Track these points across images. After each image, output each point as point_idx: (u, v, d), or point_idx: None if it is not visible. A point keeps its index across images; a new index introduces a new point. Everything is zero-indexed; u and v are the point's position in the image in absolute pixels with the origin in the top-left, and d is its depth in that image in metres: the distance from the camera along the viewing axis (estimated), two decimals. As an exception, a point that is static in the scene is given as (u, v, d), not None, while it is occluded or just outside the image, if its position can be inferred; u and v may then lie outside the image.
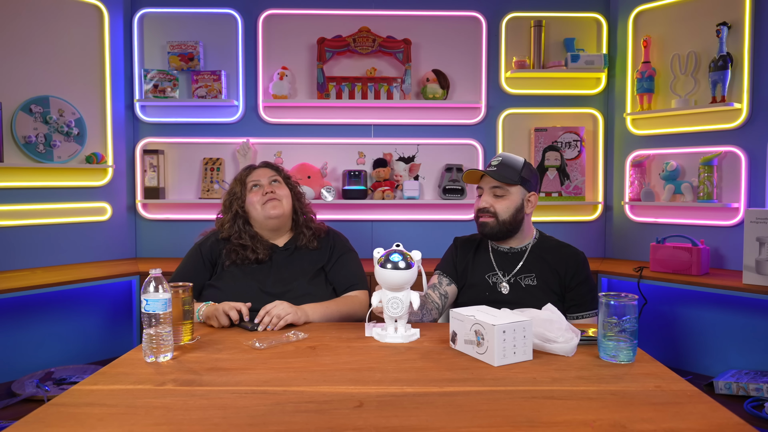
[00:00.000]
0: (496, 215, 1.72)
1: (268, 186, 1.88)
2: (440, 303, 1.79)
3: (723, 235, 2.77)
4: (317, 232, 1.93)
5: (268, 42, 3.16)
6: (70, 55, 2.91)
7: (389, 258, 1.42)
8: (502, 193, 1.72)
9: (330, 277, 1.88)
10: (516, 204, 1.73)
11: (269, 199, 1.84)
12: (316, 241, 1.90)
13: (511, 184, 1.72)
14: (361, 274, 1.92)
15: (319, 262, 1.88)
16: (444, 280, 1.84)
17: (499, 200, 1.73)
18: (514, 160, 1.75)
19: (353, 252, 1.96)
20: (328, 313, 1.72)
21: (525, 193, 1.75)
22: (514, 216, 1.73)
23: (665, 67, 2.94)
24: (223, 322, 1.58)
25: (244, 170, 1.97)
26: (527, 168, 1.76)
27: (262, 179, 1.90)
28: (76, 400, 1.07)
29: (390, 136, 3.20)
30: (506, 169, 1.73)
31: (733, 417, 0.99)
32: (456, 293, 1.85)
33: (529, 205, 1.76)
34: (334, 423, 0.97)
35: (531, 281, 1.75)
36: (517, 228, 1.76)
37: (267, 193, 1.85)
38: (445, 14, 3.18)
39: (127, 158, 3.12)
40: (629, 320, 1.26)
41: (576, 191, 3.14)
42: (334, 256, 1.90)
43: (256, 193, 1.87)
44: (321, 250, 1.90)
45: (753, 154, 2.66)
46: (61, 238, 2.91)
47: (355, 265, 1.92)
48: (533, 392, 1.10)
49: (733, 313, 2.62)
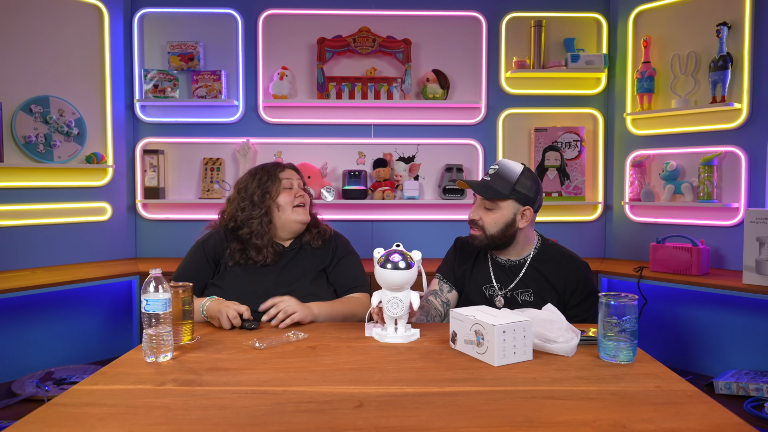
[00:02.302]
0: (484, 229, 1.67)
1: (300, 190, 1.86)
2: (442, 311, 1.78)
3: (723, 235, 2.77)
4: (323, 232, 1.91)
5: (268, 42, 3.16)
6: (70, 55, 2.91)
7: (389, 258, 1.42)
8: (492, 206, 1.66)
9: (332, 279, 1.87)
10: (506, 218, 1.65)
11: (299, 204, 1.83)
12: (321, 240, 1.89)
13: (499, 199, 1.65)
14: (363, 276, 1.91)
15: (322, 263, 1.86)
16: (445, 286, 1.82)
17: (488, 213, 1.67)
18: (509, 171, 1.67)
19: (355, 254, 1.95)
20: (333, 313, 1.72)
21: (518, 207, 1.66)
22: (503, 231, 1.66)
23: (665, 67, 2.94)
24: (225, 326, 1.58)
25: (271, 166, 1.89)
26: (523, 179, 1.66)
27: (294, 181, 1.87)
28: (76, 400, 1.07)
29: (390, 136, 3.20)
30: (498, 181, 1.66)
31: (733, 417, 0.99)
32: (457, 298, 1.82)
33: (523, 219, 1.67)
34: (334, 423, 0.97)
35: (528, 297, 1.70)
36: (509, 241, 1.69)
37: (298, 197, 1.83)
38: (445, 14, 3.18)
39: (127, 158, 3.12)
40: (629, 320, 1.26)
41: (576, 191, 3.14)
42: (336, 258, 1.89)
43: (289, 194, 1.83)
44: (324, 250, 1.89)
45: (753, 154, 2.66)
46: (61, 238, 2.91)
47: (357, 267, 1.91)
48: (533, 392, 1.10)
49: (733, 313, 2.62)
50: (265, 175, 1.85)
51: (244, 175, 1.91)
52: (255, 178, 1.86)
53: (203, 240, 1.87)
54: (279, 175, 1.85)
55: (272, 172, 1.86)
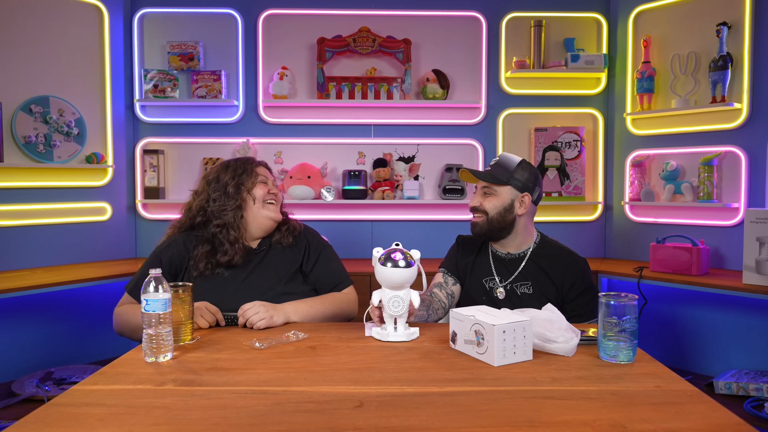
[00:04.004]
0: (486, 213, 1.72)
1: (273, 187, 1.80)
2: (447, 302, 1.80)
3: (723, 235, 2.77)
4: (292, 228, 1.83)
5: (268, 42, 3.16)
6: (70, 55, 2.91)
7: (390, 256, 1.43)
8: (491, 192, 1.73)
9: (311, 279, 1.80)
10: (504, 203, 1.71)
11: (271, 201, 1.77)
12: (291, 237, 1.80)
13: (498, 183, 1.72)
14: (343, 269, 1.84)
15: (295, 263, 1.78)
16: (449, 279, 1.84)
17: (487, 198, 1.73)
18: (509, 161, 1.75)
19: (329, 247, 1.87)
20: (312, 313, 1.66)
21: (517, 193, 1.72)
22: (502, 215, 1.71)
23: (665, 67, 2.94)
24: (203, 325, 1.56)
25: (246, 160, 1.81)
26: (522, 168, 1.73)
27: (269, 178, 1.82)
28: (76, 400, 1.07)
29: (390, 136, 3.20)
30: (498, 169, 1.73)
31: (733, 417, 0.99)
32: (460, 292, 1.85)
33: (521, 206, 1.72)
34: (334, 423, 0.97)
35: (527, 289, 1.74)
36: (508, 229, 1.73)
37: (271, 192, 1.77)
38: (445, 14, 3.18)
39: (127, 158, 3.12)
40: (629, 320, 1.26)
41: (576, 191, 3.14)
42: (312, 255, 1.80)
43: (262, 187, 1.76)
44: (295, 248, 1.80)
45: (753, 154, 2.66)
46: (61, 238, 2.91)
47: (334, 261, 1.84)
48: (533, 392, 1.10)
49: (733, 313, 2.62)
50: (240, 167, 1.77)
51: (214, 168, 1.81)
52: (229, 169, 1.77)
53: (161, 250, 1.74)
54: (255, 170, 1.78)
55: (247, 165, 1.79)
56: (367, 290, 2.55)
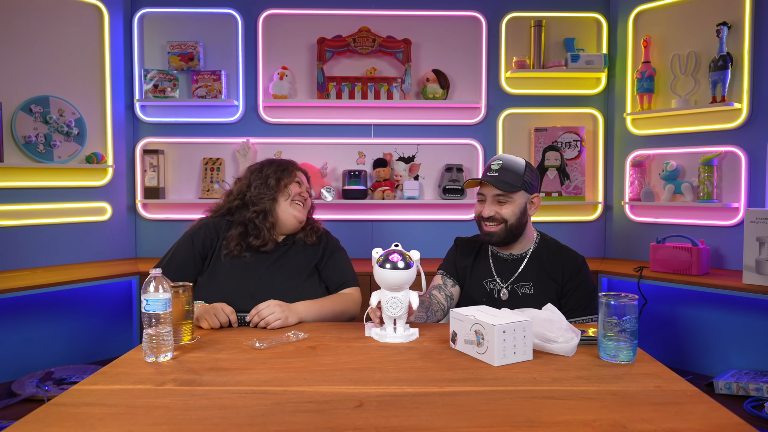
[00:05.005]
0: (505, 221, 1.70)
1: (306, 192, 1.90)
2: (446, 304, 1.79)
3: (723, 235, 2.77)
4: (316, 229, 1.93)
5: (268, 42, 3.16)
6: (70, 55, 2.91)
7: (388, 258, 1.42)
8: (506, 199, 1.70)
9: (324, 276, 1.89)
10: (520, 207, 1.71)
11: (300, 201, 1.86)
12: (315, 236, 1.91)
13: (514, 191, 1.70)
14: (352, 271, 1.93)
15: (314, 259, 1.87)
16: (448, 281, 1.84)
17: (503, 206, 1.71)
18: (515, 164, 1.72)
19: (343, 250, 1.97)
20: (322, 312, 1.72)
21: (528, 196, 1.73)
22: (519, 219, 1.72)
23: (665, 67, 2.94)
24: (214, 325, 1.58)
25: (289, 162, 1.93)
26: (529, 170, 1.73)
27: (304, 183, 1.92)
28: (76, 400, 1.07)
29: (390, 136, 3.20)
30: (508, 174, 1.70)
31: (733, 417, 0.99)
32: (460, 293, 1.85)
33: (533, 207, 1.75)
34: (334, 423, 0.97)
35: (528, 290, 1.74)
36: (521, 230, 1.75)
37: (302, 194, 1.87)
38: (445, 14, 3.18)
39: (127, 158, 3.12)
40: (629, 320, 1.26)
41: (576, 191, 3.14)
42: (327, 254, 1.90)
43: (296, 187, 1.87)
44: (316, 247, 1.90)
45: (753, 154, 2.66)
46: (61, 238, 2.91)
47: (346, 262, 1.93)
48: (533, 392, 1.10)
49: (733, 313, 2.62)
50: (283, 165, 1.90)
51: (259, 162, 1.94)
52: (273, 165, 1.90)
53: (193, 232, 1.85)
54: (295, 171, 1.91)
55: (289, 165, 1.91)
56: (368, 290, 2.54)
